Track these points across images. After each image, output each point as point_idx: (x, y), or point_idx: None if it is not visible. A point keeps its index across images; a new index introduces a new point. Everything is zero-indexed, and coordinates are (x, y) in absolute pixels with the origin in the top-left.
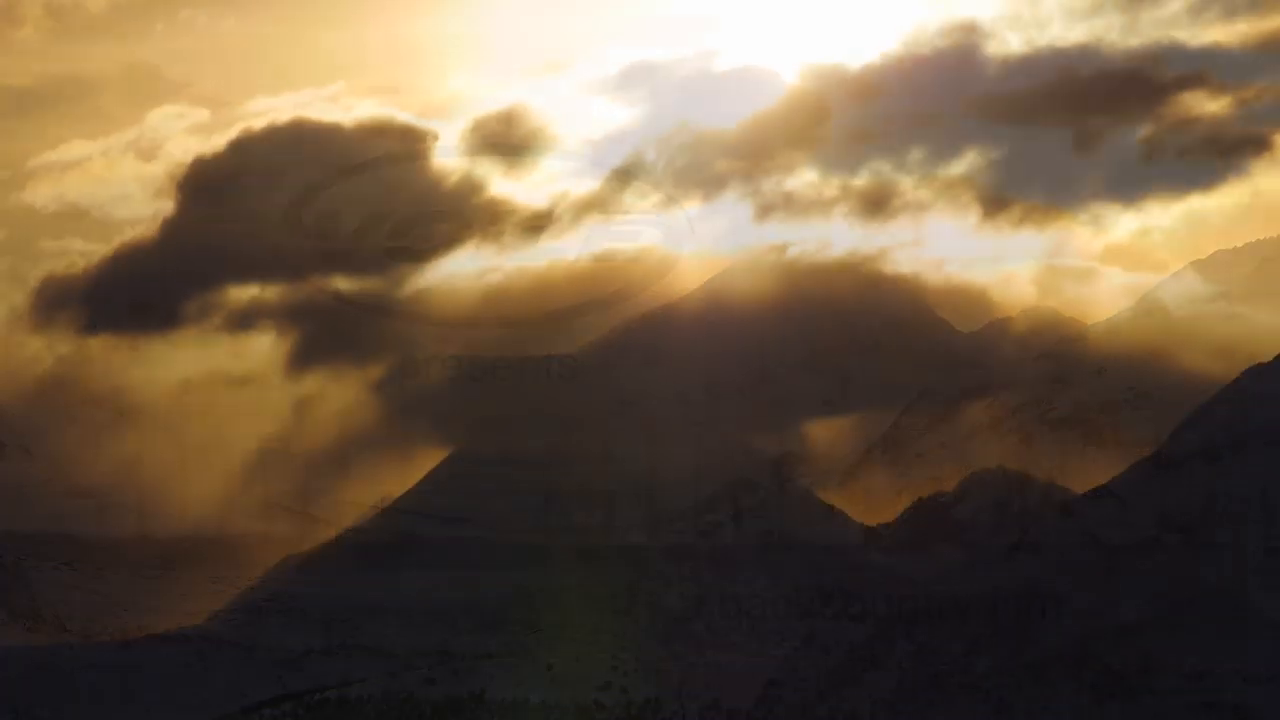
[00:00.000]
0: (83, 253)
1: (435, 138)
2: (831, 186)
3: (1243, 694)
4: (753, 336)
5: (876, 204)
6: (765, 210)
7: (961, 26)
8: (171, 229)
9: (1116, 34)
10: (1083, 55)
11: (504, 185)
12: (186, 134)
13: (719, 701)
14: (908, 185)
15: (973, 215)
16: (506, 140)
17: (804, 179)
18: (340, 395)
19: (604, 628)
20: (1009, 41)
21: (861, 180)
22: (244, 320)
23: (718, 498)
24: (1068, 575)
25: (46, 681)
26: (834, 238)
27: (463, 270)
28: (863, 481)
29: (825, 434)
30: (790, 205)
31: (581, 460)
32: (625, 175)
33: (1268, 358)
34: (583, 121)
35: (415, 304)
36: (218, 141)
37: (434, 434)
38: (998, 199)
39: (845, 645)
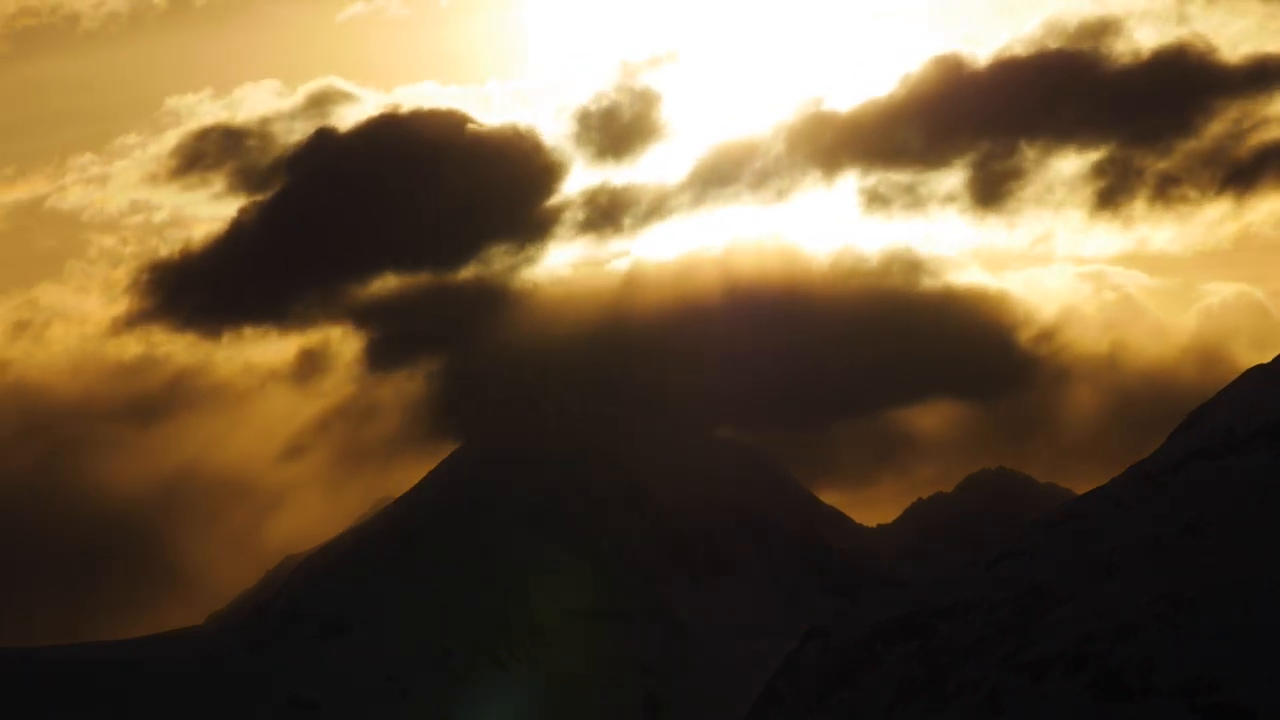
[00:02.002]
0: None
1: (551, 136)
2: (944, 178)
3: (1243, 694)
4: (772, 339)
5: (989, 197)
6: (874, 201)
7: (1097, 21)
8: (277, 212)
9: (1252, 34)
10: (1203, 53)
11: (622, 174)
12: (325, 114)
13: (719, 701)
14: (1024, 179)
15: (1086, 210)
16: (626, 129)
17: (917, 169)
18: (400, 391)
19: (604, 628)
20: (1141, 37)
21: (975, 172)
22: (329, 313)
23: (720, 498)
24: (1068, 575)
25: (48, 681)
26: (944, 228)
27: (582, 258)
28: (865, 482)
29: (832, 434)
30: (902, 196)
31: (584, 459)
32: (737, 163)
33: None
34: (700, 108)
35: (530, 295)
36: (345, 123)
37: (437, 432)
38: (1111, 195)
39: (845, 645)
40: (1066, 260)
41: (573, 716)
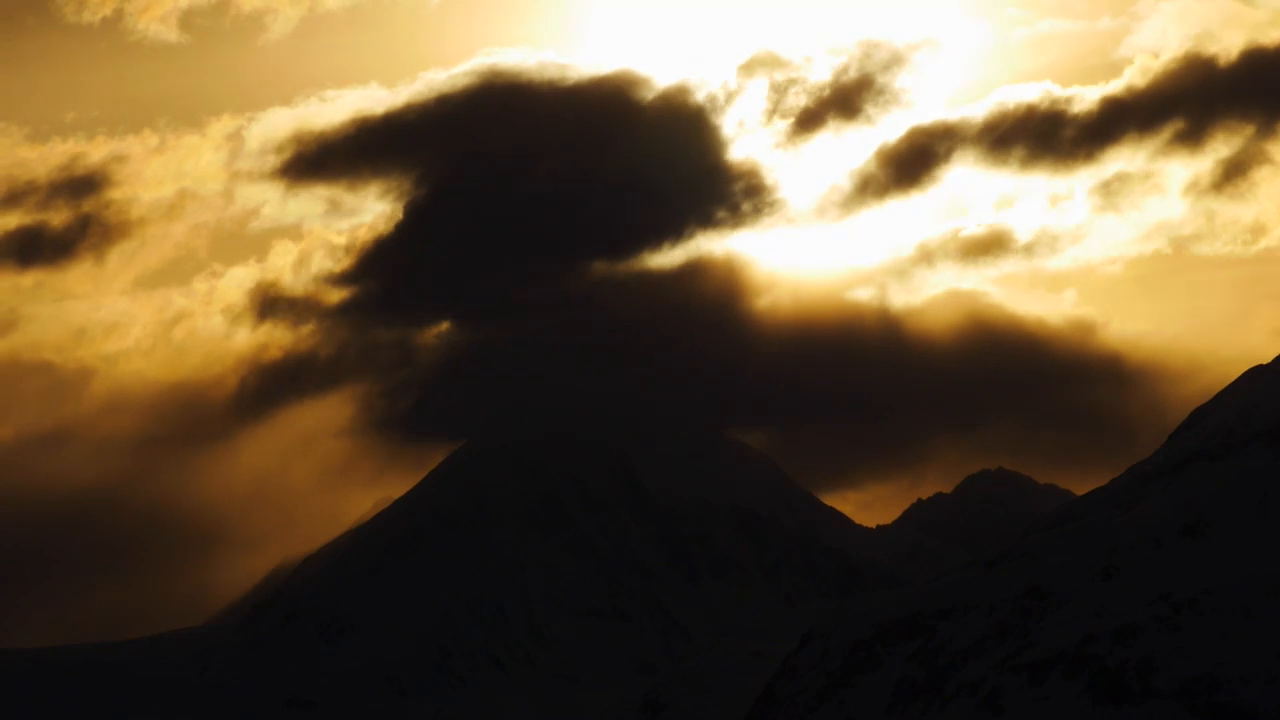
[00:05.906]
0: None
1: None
2: (1162, 170)
3: (1243, 694)
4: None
5: (1220, 189)
6: (1100, 189)
7: None
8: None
9: None
10: None
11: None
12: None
13: (719, 701)
14: (1260, 171)
15: None
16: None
17: (1140, 159)
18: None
19: (604, 628)
20: None
21: (1209, 163)
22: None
23: (720, 498)
24: (1068, 575)
25: (49, 682)
26: (1162, 218)
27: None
28: (864, 482)
29: (833, 435)
30: (1121, 185)
31: (584, 459)
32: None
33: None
34: (934, 95)
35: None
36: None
37: (437, 431)
38: None
39: (845, 645)
40: None
41: (573, 717)
